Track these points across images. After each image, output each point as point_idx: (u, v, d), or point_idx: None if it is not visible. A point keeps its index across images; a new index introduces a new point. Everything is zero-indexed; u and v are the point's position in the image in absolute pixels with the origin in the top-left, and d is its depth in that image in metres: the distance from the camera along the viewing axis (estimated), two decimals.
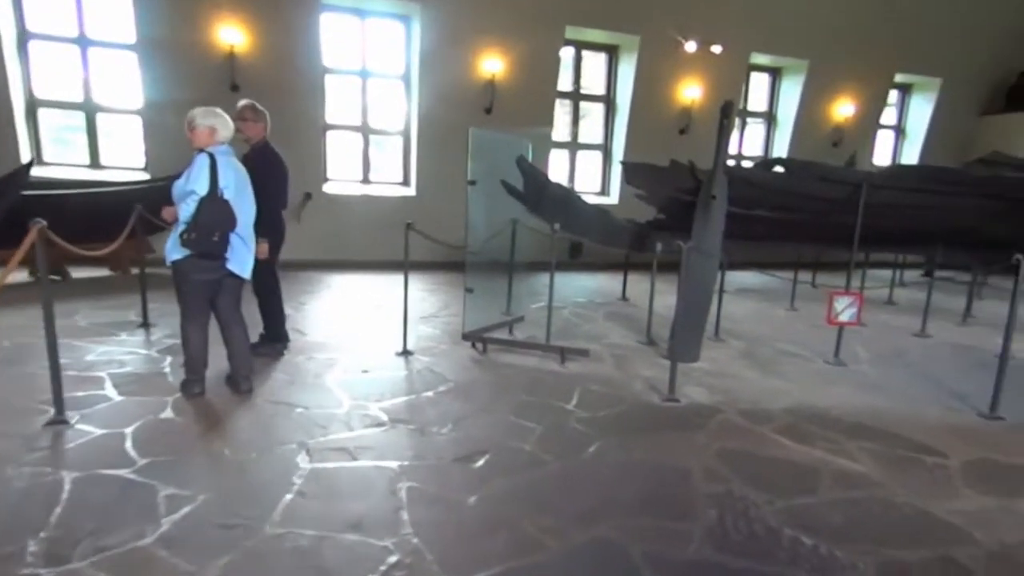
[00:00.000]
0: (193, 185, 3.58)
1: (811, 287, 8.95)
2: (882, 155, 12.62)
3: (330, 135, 10.03)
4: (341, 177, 10.16)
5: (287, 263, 8.92)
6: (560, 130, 10.99)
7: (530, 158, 5.62)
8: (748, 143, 11.94)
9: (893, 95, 12.24)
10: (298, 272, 8.92)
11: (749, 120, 11.82)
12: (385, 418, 3.73)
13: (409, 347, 5.12)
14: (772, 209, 5.17)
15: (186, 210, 3.61)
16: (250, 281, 4.16)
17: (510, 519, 2.62)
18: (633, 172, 5.87)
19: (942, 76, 11.67)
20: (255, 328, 4.58)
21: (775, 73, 11.60)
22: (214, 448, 3.21)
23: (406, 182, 10.29)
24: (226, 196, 3.65)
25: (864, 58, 11.05)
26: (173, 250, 3.69)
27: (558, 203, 5.26)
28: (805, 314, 7.12)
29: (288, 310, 5.23)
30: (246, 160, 4.33)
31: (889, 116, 12.43)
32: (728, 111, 4.89)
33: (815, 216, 5.18)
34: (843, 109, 11.32)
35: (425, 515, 2.63)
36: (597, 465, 3.19)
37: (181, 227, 3.62)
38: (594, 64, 11.07)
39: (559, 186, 5.39)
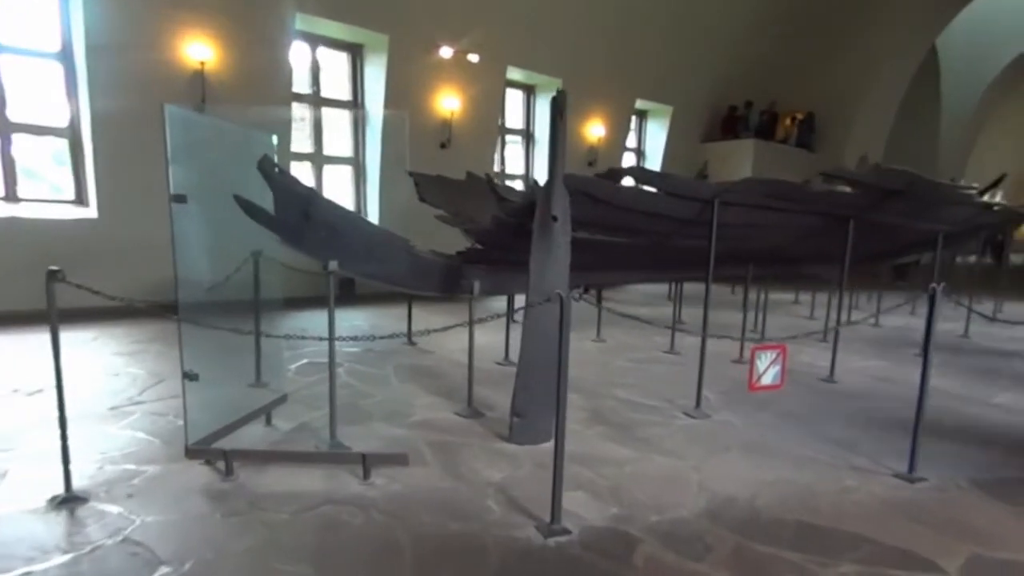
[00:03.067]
0: None
1: (593, 307, 8.28)
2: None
3: None
4: None
5: None
6: (301, 140, 8.87)
7: (276, 159, 3.64)
8: (509, 161, 11.18)
9: (634, 120, 12.66)
10: None
11: (508, 138, 11.06)
12: None
13: (80, 484, 2.79)
14: (611, 231, 4.03)
15: None
16: None
17: None
18: (427, 187, 4.26)
19: (673, 104, 12.35)
20: None
21: (530, 91, 11.02)
22: None
23: (81, 199, 7.17)
24: None
25: (611, 82, 11.05)
26: None
27: (333, 232, 3.37)
28: (615, 345, 6.21)
29: None
30: None
31: (631, 139, 12.83)
32: (561, 105, 3.58)
33: (659, 238, 4.20)
34: (595, 130, 11.20)
35: None
36: None
37: None
38: (336, 64, 9.20)
39: (332, 205, 3.50)
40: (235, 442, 3.26)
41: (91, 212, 7.03)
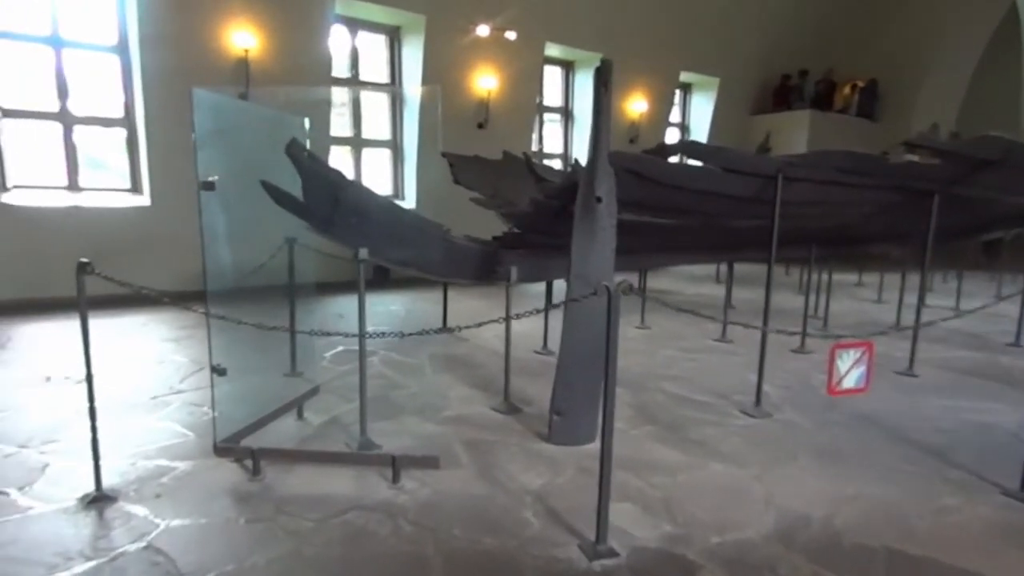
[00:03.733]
0: None
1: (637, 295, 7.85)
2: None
3: (8, 124, 6.62)
4: (32, 182, 6.79)
5: None
6: (340, 124, 8.67)
7: (308, 144, 3.40)
8: (547, 141, 10.74)
9: (678, 94, 11.98)
10: None
11: (546, 117, 10.60)
12: None
13: (112, 481, 2.66)
14: (659, 212, 3.64)
15: None
16: None
17: None
18: (462, 168, 3.95)
19: (720, 76, 11.61)
20: None
21: (568, 67, 10.51)
22: None
23: (136, 188, 7.20)
24: None
25: (654, 54, 10.42)
26: None
27: (364, 218, 3.10)
28: (660, 332, 5.81)
29: None
30: None
31: (675, 114, 12.16)
32: (606, 75, 3.20)
33: (712, 218, 3.78)
34: (636, 105, 10.62)
35: None
36: None
37: None
38: (374, 47, 8.93)
39: (362, 190, 3.23)
40: (266, 437, 3.08)
41: (145, 200, 7.04)
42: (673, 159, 3.39)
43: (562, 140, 10.75)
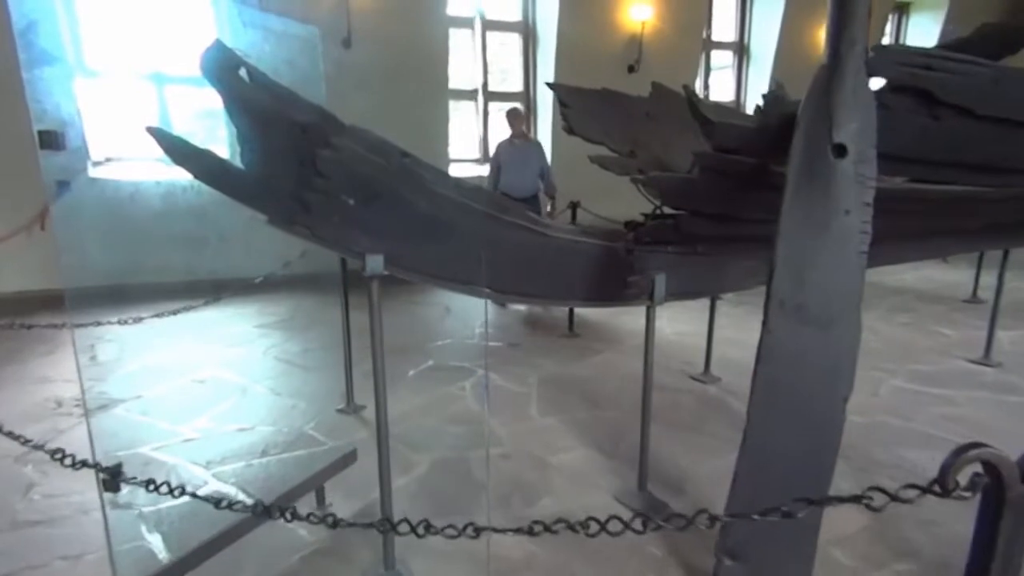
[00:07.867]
0: None
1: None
2: None
3: (90, 83, 6.00)
4: (126, 153, 6.22)
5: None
6: (462, 74, 7.35)
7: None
8: (715, 89, 8.60)
9: (889, 22, 9.16)
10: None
11: (714, 60, 8.46)
12: None
13: None
14: (957, 169, 1.90)
15: None
16: None
17: None
18: (580, 109, 2.51)
19: None
20: None
21: None
22: None
23: None
24: None
25: None
26: None
27: (374, 198, 1.69)
28: (878, 342, 3.87)
29: None
30: None
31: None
32: None
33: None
34: None
35: None
36: None
37: None
38: None
39: (370, 143, 1.75)
40: (231, 562, 1.82)
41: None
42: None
43: (734, 87, 8.53)
